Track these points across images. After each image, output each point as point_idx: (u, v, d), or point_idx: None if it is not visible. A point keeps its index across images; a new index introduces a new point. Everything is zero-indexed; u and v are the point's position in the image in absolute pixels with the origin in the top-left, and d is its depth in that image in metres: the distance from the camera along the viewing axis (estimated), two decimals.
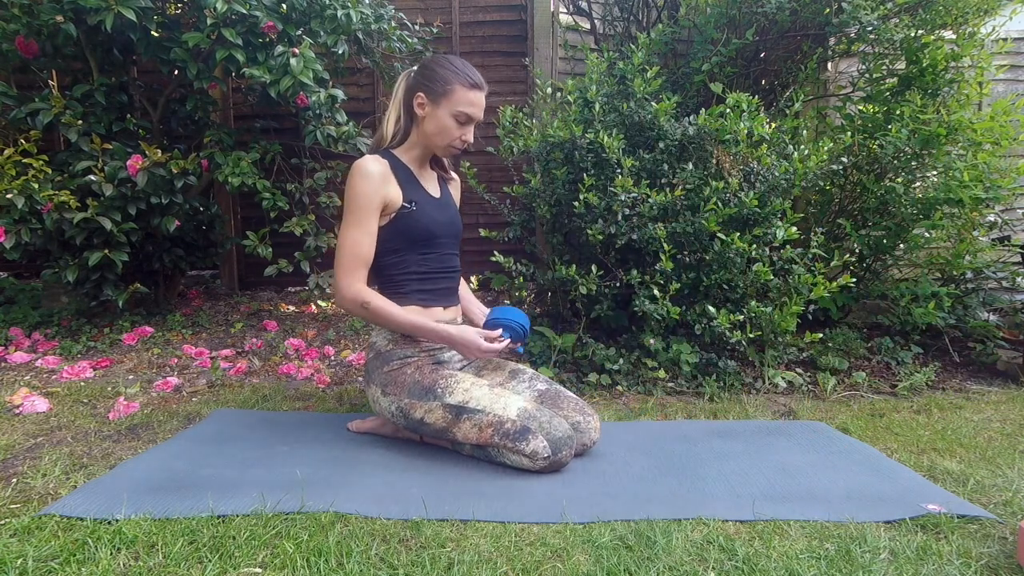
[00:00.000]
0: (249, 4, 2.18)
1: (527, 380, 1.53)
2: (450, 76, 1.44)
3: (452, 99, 1.44)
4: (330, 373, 2.17)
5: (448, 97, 1.44)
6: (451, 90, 1.43)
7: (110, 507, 1.12)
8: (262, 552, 0.99)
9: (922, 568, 0.97)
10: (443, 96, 1.44)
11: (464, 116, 1.45)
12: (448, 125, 1.45)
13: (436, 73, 1.45)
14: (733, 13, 2.36)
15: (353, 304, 1.43)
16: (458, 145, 1.49)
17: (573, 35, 3.18)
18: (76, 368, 2.07)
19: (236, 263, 3.46)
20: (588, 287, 2.02)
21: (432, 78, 1.45)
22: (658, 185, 2.04)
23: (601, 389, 2.02)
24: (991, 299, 2.56)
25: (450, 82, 1.43)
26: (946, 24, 2.36)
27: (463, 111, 1.44)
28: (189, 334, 2.58)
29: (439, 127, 1.46)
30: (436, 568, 0.96)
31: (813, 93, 2.75)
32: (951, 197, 2.18)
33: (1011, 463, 1.43)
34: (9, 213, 2.19)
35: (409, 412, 1.42)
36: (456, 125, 1.45)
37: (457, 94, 1.43)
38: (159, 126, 2.68)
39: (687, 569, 0.96)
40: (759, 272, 1.93)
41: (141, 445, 1.50)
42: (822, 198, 2.59)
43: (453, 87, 1.43)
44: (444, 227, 1.54)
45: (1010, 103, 2.25)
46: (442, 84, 1.44)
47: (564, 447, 1.32)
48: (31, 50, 2.28)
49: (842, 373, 2.17)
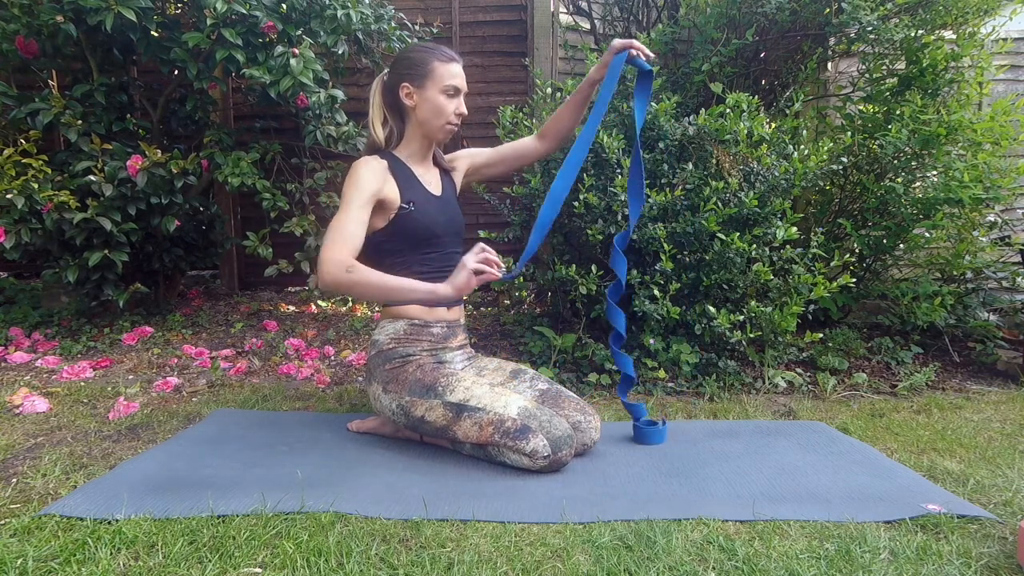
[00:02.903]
0: (249, 4, 2.18)
1: (528, 380, 1.54)
2: (426, 57, 1.49)
3: (435, 76, 1.48)
4: (330, 373, 2.17)
5: (431, 76, 1.48)
6: (432, 69, 1.48)
7: (110, 507, 1.12)
8: (262, 552, 0.99)
9: (922, 568, 0.97)
10: (427, 77, 1.48)
11: (452, 88, 1.49)
12: (440, 102, 1.49)
13: (412, 59, 1.50)
14: (733, 13, 2.36)
15: (337, 268, 1.33)
16: (454, 120, 1.51)
17: (573, 35, 3.18)
18: (76, 368, 2.07)
19: (236, 263, 3.46)
20: (588, 287, 2.02)
21: (411, 65, 1.49)
22: (658, 185, 2.04)
23: (601, 389, 2.02)
24: (991, 299, 2.56)
25: (428, 62, 1.48)
26: (946, 24, 2.36)
27: (449, 84, 1.48)
28: (189, 334, 2.58)
29: (433, 107, 1.49)
30: (436, 568, 0.96)
31: (813, 93, 2.75)
32: (951, 197, 2.18)
33: (1011, 463, 1.43)
34: (9, 213, 2.19)
35: (410, 410, 1.42)
36: (447, 100, 1.49)
37: (439, 70, 1.48)
38: (159, 126, 2.68)
39: (687, 569, 0.96)
40: (759, 272, 1.93)
41: (141, 445, 1.50)
42: (822, 198, 2.59)
43: (433, 65, 1.48)
44: (444, 226, 1.55)
45: (1010, 103, 2.25)
46: (422, 67, 1.48)
47: (564, 446, 1.32)
48: (31, 50, 2.28)
49: (842, 373, 2.17)
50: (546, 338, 2.19)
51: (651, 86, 1.62)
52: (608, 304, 1.61)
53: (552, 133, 1.70)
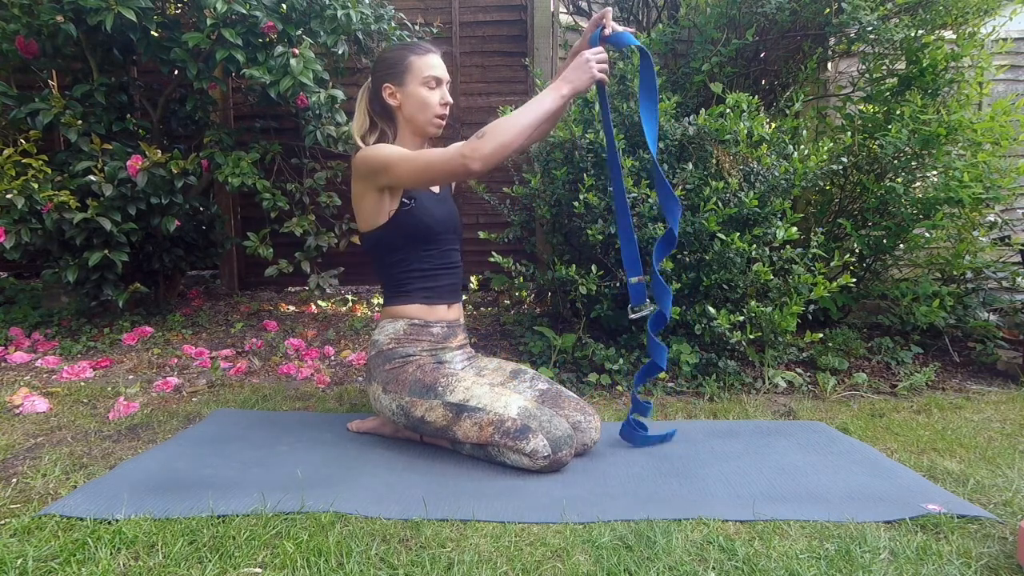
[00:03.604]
0: (249, 4, 2.18)
1: (528, 380, 1.54)
2: (402, 54, 1.50)
3: (414, 70, 1.49)
4: (330, 373, 2.17)
5: (409, 71, 1.49)
6: (408, 64, 1.49)
7: (110, 507, 1.12)
8: (262, 552, 0.99)
9: (922, 568, 0.97)
10: (405, 73, 1.49)
11: (432, 80, 1.49)
12: (424, 95, 1.49)
13: (389, 59, 1.51)
14: (733, 13, 2.36)
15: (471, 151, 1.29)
16: (440, 110, 1.52)
17: (573, 35, 3.18)
18: (76, 368, 2.07)
19: (236, 263, 3.46)
20: (588, 287, 2.02)
21: (388, 65, 1.51)
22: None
23: (601, 389, 2.02)
24: (991, 299, 2.56)
25: (404, 58, 1.50)
26: (946, 24, 2.36)
27: (429, 75, 1.49)
28: (189, 334, 2.58)
29: (418, 101, 1.49)
30: (436, 568, 0.96)
31: (813, 93, 2.75)
32: (951, 197, 2.18)
33: (1011, 463, 1.43)
34: (9, 213, 2.19)
35: (410, 410, 1.42)
36: (429, 92, 1.50)
37: (415, 64, 1.49)
38: (159, 126, 2.67)
39: (687, 569, 0.96)
40: (759, 272, 1.93)
41: (141, 445, 1.50)
42: (822, 198, 2.59)
43: (409, 60, 1.49)
44: (443, 222, 1.55)
45: (1010, 103, 2.25)
46: (399, 64, 1.50)
47: (564, 446, 1.32)
48: (31, 50, 2.28)
49: (842, 373, 2.17)
50: (546, 338, 2.19)
51: (653, 71, 1.42)
52: (649, 339, 1.50)
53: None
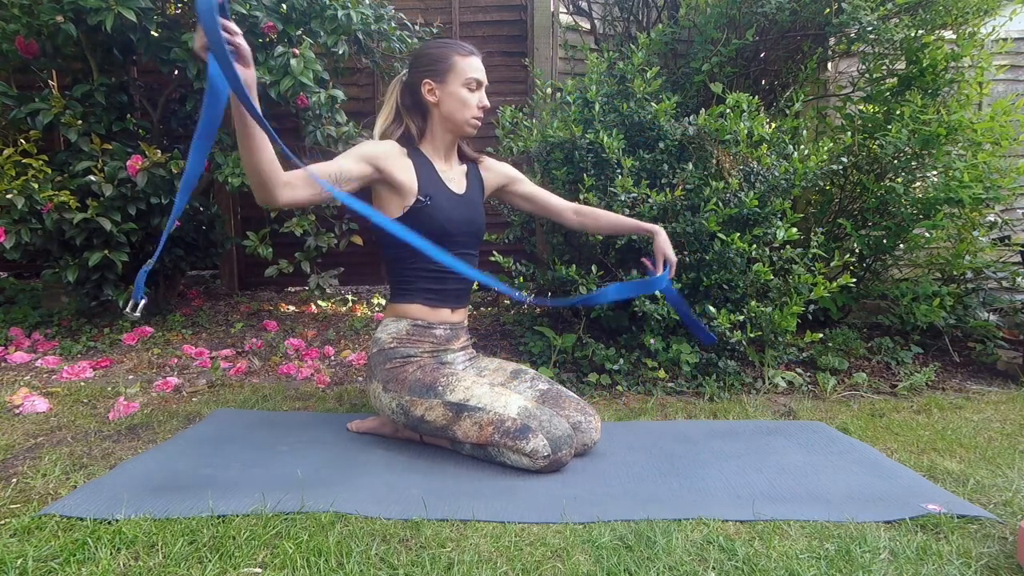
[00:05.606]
0: (249, 4, 2.18)
1: (528, 380, 1.54)
2: (446, 52, 1.49)
3: (457, 70, 1.47)
4: (330, 373, 2.17)
5: (453, 70, 1.47)
6: (453, 63, 1.47)
7: (110, 507, 1.12)
8: (262, 552, 0.99)
9: (922, 568, 0.97)
10: (448, 72, 1.47)
11: (474, 82, 1.49)
12: (464, 96, 1.48)
13: (432, 56, 1.49)
14: (733, 13, 2.36)
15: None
16: (478, 113, 1.51)
17: (573, 35, 3.18)
18: (76, 368, 2.07)
19: (236, 263, 3.46)
20: (588, 287, 2.02)
21: (431, 62, 1.49)
22: (658, 185, 2.04)
23: (601, 389, 2.02)
24: (991, 299, 2.56)
25: (449, 57, 1.48)
26: (946, 24, 2.36)
27: (471, 77, 1.48)
28: (189, 334, 2.58)
29: (457, 101, 1.49)
30: (436, 568, 0.96)
31: (813, 93, 2.75)
32: (951, 197, 2.18)
33: (1011, 463, 1.43)
34: (9, 213, 2.19)
35: (410, 409, 1.42)
36: (470, 93, 1.49)
37: (459, 64, 1.48)
38: (159, 126, 2.68)
39: (687, 569, 0.96)
40: (759, 272, 1.93)
41: (141, 445, 1.50)
42: (822, 198, 2.59)
43: (453, 60, 1.48)
44: (460, 225, 1.52)
45: (1010, 103, 2.25)
46: (443, 62, 1.48)
47: (564, 446, 1.32)
48: (31, 50, 2.27)
49: (842, 373, 2.17)
50: (546, 338, 2.19)
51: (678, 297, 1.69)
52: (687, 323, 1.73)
53: (589, 221, 1.73)
